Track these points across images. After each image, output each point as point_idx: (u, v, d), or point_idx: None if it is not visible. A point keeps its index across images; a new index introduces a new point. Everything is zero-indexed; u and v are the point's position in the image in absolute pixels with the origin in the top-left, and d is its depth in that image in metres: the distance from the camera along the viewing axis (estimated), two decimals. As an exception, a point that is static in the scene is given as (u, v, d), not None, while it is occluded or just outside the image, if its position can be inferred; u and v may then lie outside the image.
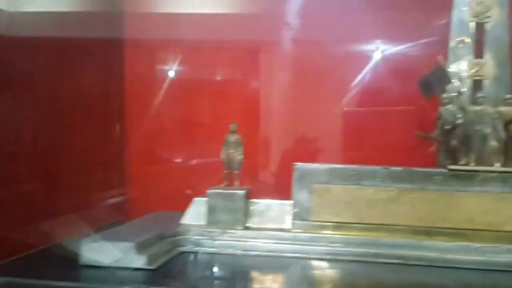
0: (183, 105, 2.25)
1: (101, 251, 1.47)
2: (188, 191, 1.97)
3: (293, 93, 2.20)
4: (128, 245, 1.46)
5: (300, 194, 1.74)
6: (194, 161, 2.21)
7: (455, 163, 1.71)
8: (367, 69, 2.12)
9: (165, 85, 2.24)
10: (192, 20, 2.19)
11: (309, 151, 2.18)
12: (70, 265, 1.46)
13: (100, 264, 1.46)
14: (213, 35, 2.18)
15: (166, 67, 2.27)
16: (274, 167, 2.22)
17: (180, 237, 1.69)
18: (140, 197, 2.21)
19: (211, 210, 1.74)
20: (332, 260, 1.63)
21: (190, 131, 2.25)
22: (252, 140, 2.16)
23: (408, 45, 2.08)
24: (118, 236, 1.57)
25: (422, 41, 2.00)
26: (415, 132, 1.77)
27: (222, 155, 1.78)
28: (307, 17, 2.14)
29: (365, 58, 2.12)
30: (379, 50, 2.11)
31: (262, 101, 2.23)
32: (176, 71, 2.26)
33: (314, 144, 2.18)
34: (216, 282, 1.47)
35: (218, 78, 2.28)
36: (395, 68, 2.11)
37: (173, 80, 2.26)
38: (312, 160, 1.96)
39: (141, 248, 1.48)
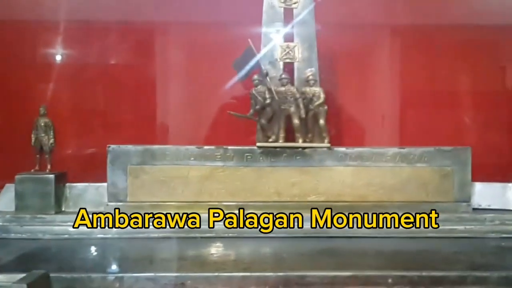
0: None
1: None
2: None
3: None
4: None
5: (115, 176, 1.75)
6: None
7: (266, 141, 1.81)
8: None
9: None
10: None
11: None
12: None
13: None
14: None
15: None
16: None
17: (-15, 224, 1.65)
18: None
19: (20, 196, 1.70)
20: (145, 238, 1.68)
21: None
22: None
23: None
24: None
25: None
26: (227, 112, 1.83)
27: (33, 139, 1.74)
28: None
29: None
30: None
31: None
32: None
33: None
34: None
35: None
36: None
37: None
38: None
39: None
